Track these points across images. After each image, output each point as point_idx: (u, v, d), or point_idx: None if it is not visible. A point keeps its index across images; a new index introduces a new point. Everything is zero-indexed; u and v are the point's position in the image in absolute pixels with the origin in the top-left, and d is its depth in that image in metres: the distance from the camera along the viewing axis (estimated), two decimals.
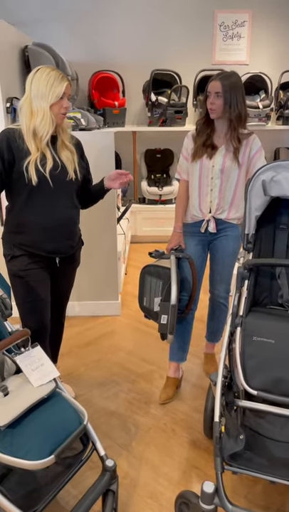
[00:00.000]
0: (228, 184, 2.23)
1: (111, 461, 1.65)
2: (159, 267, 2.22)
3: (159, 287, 2.18)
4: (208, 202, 2.28)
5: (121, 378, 2.63)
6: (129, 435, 2.18)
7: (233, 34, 5.25)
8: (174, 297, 2.07)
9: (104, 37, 5.09)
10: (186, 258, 2.28)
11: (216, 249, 2.39)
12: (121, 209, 4.34)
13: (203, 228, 2.33)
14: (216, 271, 2.43)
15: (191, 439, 2.16)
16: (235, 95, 2.12)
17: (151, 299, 2.22)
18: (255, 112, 4.89)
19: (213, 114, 2.16)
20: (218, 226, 2.32)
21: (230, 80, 2.12)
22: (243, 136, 2.21)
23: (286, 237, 1.91)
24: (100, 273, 3.33)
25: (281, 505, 1.80)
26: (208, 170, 2.23)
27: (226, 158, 2.20)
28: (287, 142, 5.44)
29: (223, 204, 2.27)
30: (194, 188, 2.30)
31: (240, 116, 2.15)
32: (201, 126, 2.25)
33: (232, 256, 2.35)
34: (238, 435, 1.71)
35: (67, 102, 1.89)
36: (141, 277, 2.29)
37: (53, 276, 2.12)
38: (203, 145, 2.23)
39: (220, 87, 2.11)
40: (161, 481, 1.92)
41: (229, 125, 2.17)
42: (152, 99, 4.96)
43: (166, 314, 2.09)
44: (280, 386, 1.66)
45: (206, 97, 2.17)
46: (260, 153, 2.24)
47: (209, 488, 1.52)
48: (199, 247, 2.38)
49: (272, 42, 5.23)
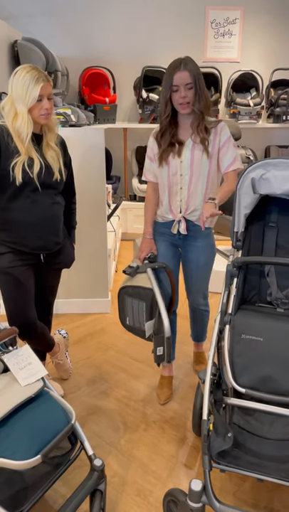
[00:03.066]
0: (199, 180, 2.08)
1: (99, 461, 1.64)
2: (138, 288, 2.12)
3: (143, 309, 2.11)
4: (179, 201, 2.13)
5: (110, 376, 2.62)
6: (118, 433, 2.17)
7: (224, 31, 5.23)
8: (168, 329, 2.03)
9: (95, 33, 5.05)
10: (162, 267, 2.20)
11: (189, 261, 2.27)
12: (111, 206, 4.32)
13: (174, 229, 2.19)
14: (191, 281, 2.33)
15: (180, 436, 2.16)
16: (201, 82, 1.97)
17: (135, 318, 2.16)
18: (246, 110, 4.90)
19: (187, 109, 1.98)
20: (189, 229, 2.18)
21: (193, 65, 1.95)
22: (210, 124, 2.05)
23: (275, 235, 1.91)
24: (89, 270, 3.32)
25: (269, 503, 1.80)
26: (177, 167, 2.08)
27: (194, 150, 2.05)
28: (277, 140, 5.45)
29: (195, 203, 2.11)
30: (163, 187, 2.15)
31: (206, 105, 2.01)
32: (166, 126, 2.06)
33: (206, 265, 2.27)
34: (226, 433, 1.70)
35: (48, 102, 1.86)
36: (120, 298, 2.20)
37: (39, 273, 2.12)
38: (169, 144, 2.07)
39: (189, 77, 1.92)
40: (149, 479, 1.92)
41: (195, 117, 2.02)
42: (143, 96, 4.94)
43: (161, 346, 2.06)
44: (267, 384, 1.66)
45: (171, 93, 1.96)
46: (229, 142, 2.07)
47: (197, 486, 1.52)
48: (171, 249, 2.27)
49: (263, 40, 5.23)
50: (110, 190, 4.60)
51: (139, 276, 2.18)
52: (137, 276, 2.19)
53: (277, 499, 1.82)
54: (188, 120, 2.06)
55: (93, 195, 3.16)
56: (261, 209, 1.90)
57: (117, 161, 5.39)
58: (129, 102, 5.29)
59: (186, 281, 2.36)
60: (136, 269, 2.20)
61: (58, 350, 2.48)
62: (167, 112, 2.01)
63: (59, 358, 2.50)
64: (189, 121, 2.06)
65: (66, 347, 2.62)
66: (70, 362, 2.63)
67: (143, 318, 2.12)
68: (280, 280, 1.92)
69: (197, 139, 2.04)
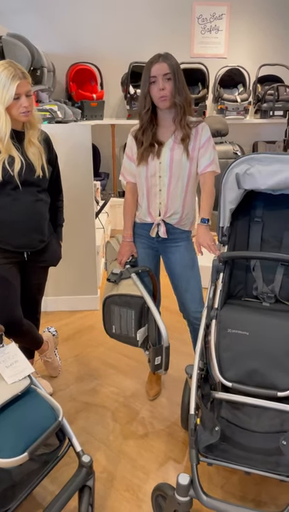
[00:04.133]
0: (178, 182, 2.02)
1: (87, 457, 1.65)
2: (126, 296, 2.07)
3: (132, 317, 2.06)
4: (158, 204, 2.06)
5: (100, 373, 2.63)
6: (107, 429, 2.18)
7: (211, 27, 5.23)
8: (166, 338, 2.01)
9: (81, 29, 5.02)
10: (146, 271, 2.16)
11: (173, 262, 2.16)
12: (100, 203, 4.32)
13: (153, 232, 2.12)
14: (182, 283, 2.16)
15: (169, 431, 2.17)
16: (181, 75, 1.93)
17: (122, 327, 2.11)
18: (233, 106, 4.92)
19: (166, 102, 1.91)
20: (168, 233, 2.11)
21: (172, 58, 1.92)
22: (192, 124, 2.00)
23: (260, 229, 1.92)
24: (78, 267, 3.31)
25: (257, 495, 1.82)
26: (155, 168, 2.01)
27: (173, 151, 1.99)
28: (265, 136, 5.47)
29: (174, 206, 2.05)
30: (142, 189, 2.09)
31: (187, 100, 1.95)
32: (147, 122, 1.99)
33: (192, 267, 2.14)
34: (213, 427, 1.72)
35: (26, 100, 1.84)
36: (106, 307, 2.13)
37: (24, 271, 2.11)
38: (149, 145, 2.00)
39: (167, 67, 1.87)
40: (138, 474, 1.93)
41: (177, 112, 1.95)
42: (131, 92, 4.92)
43: (159, 356, 2.05)
44: (254, 377, 1.68)
45: (149, 85, 1.91)
46: (209, 143, 2.01)
47: (184, 480, 1.53)
48: (150, 252, 2.21)
49: (250, 35, 5.24)
50: (99, 186, 4.59)
51: (123, 282, 2.13)
52: (122, 283, 2.13)
53: (264, 491, 1.84)
54: (170, 116, 2.00)
55: (81, 192, 3.15)
56: (246, 204, 1.91)
57: (106, 157, 5.37)
58: (116, 98, 5.27)
59: (176, 288, 2.20)
60: (120, 275, 2.14)
61: (46, 348, 2.47)
62: (147, 106, 1.95)
63: (48, 356, 2.50)
64: (171, 117, 1.99)
65: (55, 345, 2.61)
66: (59, 359, 2.63)
67: (132, 327, 2.07)
68: (265, 274, 1.94)
69: (179, 136, 1.98)
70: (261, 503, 1.78)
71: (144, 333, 2.12)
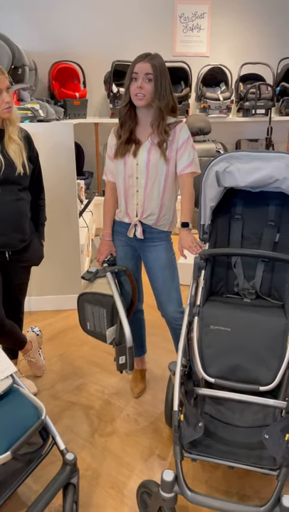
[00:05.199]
0: (155, 183, 2.00)
1: (71, 455, 1.65)
2: (98, 295, 2.08)
3: (104, 315, 2.07)
4: (135, 204, 2.05)
5: (84, 372, 2.63)
6: (92, 427, 2.18)
7: (193, 26, 5.26)
8: (129, 339, 2.01)
9: (63, 27, 5.00)
10: (122, 271, 2.16)
11: (150, 261, 2.15)
12: (84, 202, 4.30)
13: (130, 233, 2.12)
14: (158, 284, 2.15)
15: (154, 428, 2.18)
16: (164, 80, 1.90)
17: (96, 324, 2.12)
18: (216, 104, 4.95)
19: (142, 101, 1.89)
20: (145, 233, 2.09)
21: (158, 61, 1.89)
22: (170, 126, 1.97)
23: (241, 227, 1.94)
24: (62, 267, 3.30)
25: (240, 489, 1.84)
26: (133, 169, 2.00)
27: (150, 152, 1.97)
28: (247, 134, 5.52)
29: (151, 207, 2.04)
30: (120, 190, 2.09)
31: (167, 105, 1.93)
32: (125, 116, 1.98)
33: (169, 268, 2.13)
34: (196, 423, 1.73)
35: (7, 95, 1.83)
36: (80, 304, 2.15)
37: (6, 271, 2.09)
38: (126, 141, 1.99)
39: (150, 68, 1.86)
40: (123, 471, 1.94)
41: (156, 115, 1.93)
42: (114, 91, 4.92)
43: (124, 355, 2.05)
44: (236, 373, 1.70)
45: (130, 81, 1.89)
46: (188, 143, 1.98)
47: (169, 477, 1.54)
48: (129, 250, 2.20)
49: (231, 34, 5.28)
50: (83, 185, 4.57)
51: (98, 281, 2.13)
52: (97, 282, 2.13)
53: (248, 485, 1.86)
54: (148, 118, 1.98)
55: (64, 190, 3.14)
56: (227, 202, 1.92)
57: (90, 156, 5.36)
58: (99, 96, 5.26)
59: (154, 288, 2.20)
60: (95, 274, 2.14)
61: (30, 348, 2.46)
62: (126, 101, 1.93)
63: (31, 356, 2.49)
64: (149, 119, 1.98)
65: (39, 344, 2.60)
66: (43, 359, 2.62)
67: (104, 325, 2.08)
68: (246, 271, 1.96)
69: (155, 140, 1.96)
70: (245, 497, 1.81)
71: (114, 332, 2.12)
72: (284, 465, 1.52)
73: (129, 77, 1.92)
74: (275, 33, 5.30)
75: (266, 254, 1.76)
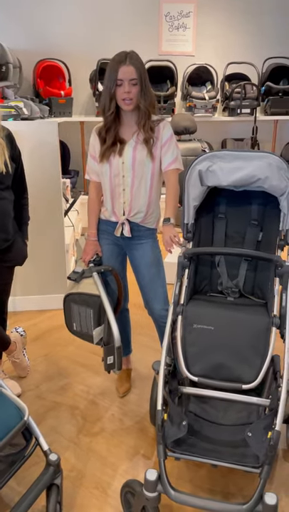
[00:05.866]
0: (142, 181, 2.01)
1: (54, 455, 1.64)
2: (85, 295, 2.07)
3: (90, 316, 2.06)
4: (122, 203, 2.05)
5: (69, 372, 2.61)
6: (77, 428, 2.17)
7: (178, 25, 5.26)
8: (118, 338, 2.01)
9: (48, 24, 4.96)
10: (108, 271, 2.15)
11: (136, 259, 2.16)
12: (70, 201, 4.28)
13: (118, 232, 2.11)
14: (145, 281, 2.16)
15: (139, 427, 2.18)
16: (146, 79, 1.92)
17: (82, 325, 2.11)
18: (201, 103, 4.96)
19: (130, 106, 1.91)
20: (133, 231, 2.10)
21: (138, 60, 1.90)
22: (154, 123, 1.99)
23: (224, 226, 1.95)
24: (47, 266, 3.28)
25: (224, 487, 1.85)
26: (118, 168, 2.00)
27: (136, 151, 1.98)
28: (233, 133, 5.54)
29: (138, 205, 2.04)
30: (106, 189, 2.08)
31: (151, 103, 1.94)
32: (111, 122, 1.98)
33: (155, 266, 2.13)
34: (180, 422, 1.74)
35: None
36: (66, 305, 2.14)
37: None
38: (111, 143, 1.99)
39: (134, 72, 1.86)
40: (108, 471, 1.93)
41: (141, 115, 1.94)
42: (100, 89, 4.90)
43: (112, 355, 2.05)
44: (220, 371, 1.71)
45: (115, 87, 1.89)
46: (171, 141, 2.00)
47: (152, 476, 1.54)
48: (115, 249, 2.19)
49: (217, 33, 5.29)
50: (68, 184, 4.55)
51: (84, 281, 2.12)
52: (83, 282, 2.12)
53: (232, 483, 1.87)
54: (132, 118, 1.99)
55: (48, 189, 3.12)
56: (210, 201, 1.93)
57: (75, 154, 5.33)
58: (85, 95, 5.24)
59: (140, 285, 2.20)
60: (81, 274, 2.13)
61: (14, 348, 2.44)
62: (112, 109, 1.93)
63: (16, 357, 2.47)
64: (133, 118, 1.99)
65: (24, 345, 2.58)
66: (27, 360, 2.60)
67: (91, 325, 2.07)
68: (229, 270, 1.97)
69: (140, 138, 1.97)
70: (229, 495, 1.81)
71: (101, 332, 2.11)
72: (266, 463, 1.53)
73: (113, 83, 1.90)
74: (259, 32, 5.33)
75: (248, 253, 1.77)
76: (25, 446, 1.63)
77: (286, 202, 1.71)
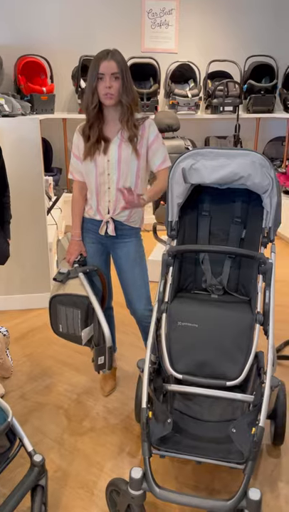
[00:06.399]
0: (127, 179, 2.00)
1: (39, 456, 1.63)
2: (72, 296, 2.05)
3: (78, 317, 2.04)
4: (107, 202, 2.05)
5: (53, 371, 2.59)
6: (61, 427, 2.16)
7: (161, 22, 5.25)
8: (109, 338, 2.01)
9: (29, 20, 4.89)
10: (94, 270, 2.13)
11: (120, 257, 2.15)
12: (53, 198, 4.24)
13: (102, 230, 2.10)
14: (128, 287, 2.15)
15: (124, 426, 2.18)
16: (129, 75, 1.93)
17: (69, 326, 2.09)
18: (184, 101, 4.96)
19: (111, 100, 1.90)
20: (117, 230, 2.09)
21: (120, 56, 1.91)
22: (138, 121, 1.99)
23: (208, 223, 1.95)
24: (30, 265, 3.24)
25: (210, 483, 1.86)
26: (104, 166, 1.99)
27: (121, 148, 1.98)
28: (216, 131, 5.56)
29: (123, 203, 1.99)
30: (91, 188, 2.06)
31: (134, 100, 1.95)
32: (94, 118, 1.97)
33: (139, 265, 2.13)
34: (165, 419, 1.74)
35: None
36: (52, 307, 2.11)
37: None
38: (95, 141, 1.98)
39: (116, 66, 1.87)
40: (93, 470, 1.92)
41: (124, 112, 1.95)
42: (82, 86, 4.86)
43: (103, 356, 2.04)
44: (204, 369, 1.71)
45: (97, 81, 1.88)
46: (158, 140, 2.02)
47: (137, 474, 1.54)
48: (99, 248, 2.18)
49: (199, 31, 5.29)
50: (51, 182, 4.51)
51: (71, 282, 2.10)
52: (69, 283, 2.10)
53: (217, 479, 1.88)
54: (116, 114, 1.99)
55: (31, 187, 3.08)
56: (194, 198, 1.93)
57: (58, 152, 5.28)
58: (67, 91, 5.19)
59: (123, 285, 2.19)
60: (67, 275, 2.11)
61: None
62: (94, 102, 1.93)
63: None
64: (117, 115, 1.98)
65: (6, 345, 2.55)
66: (11, 360, 2.57)
67: (78, 326, 2.06)
68: (213, 267, 1.98)
69: (125, 136, 1.97)
70: (214, 491, 1.83)
71: (90, 333, 2.10)
72: (250, 458, 1.54)
73: (95, 77, 1.90)
74: (242, 30, 5.35)
75: (232, 251, 1.78)
76: (9, 448, 1.61)
77: (269, 200, 1.72)
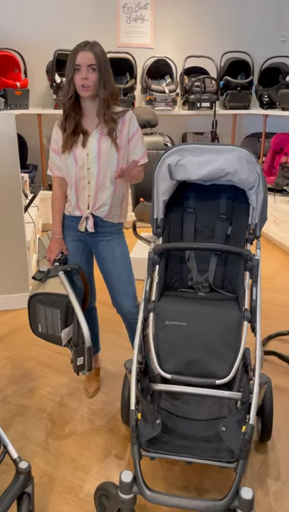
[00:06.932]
0: (107, 172, 1.96)
1: (25, 463, 1.57)
2: (51, 295, 1.99)
3: (58, 316, 1.98)
4: (87, 196, 2.00)
5: (35, 373, 2.53)
6: (46, 432, 2.10)
7: (136, 16, 5.20)
8: (88, 338, 1.95)
9: (1, 13, 4.76)
10: (75, 269, 2.08)
11: (103, 257, 2.10)
12: (29, 196, 4.15)
13: (82, 226, 2.05)
14: (113, 278, 2.11)
15: (110, 427, 2.14)
16: (107, 68, 1.89)
17: (48, 326, 2.02)
18: (161, 97, 4.93)
19: (87, 92, 1.86)
20: (97, 227, 2.04)
21: (99, 49, 1.88)
22: (117, 115, 1.95)
23: (193, 220, 1.93)
24: (7, 264, 3.16)
25: (199, 484, 1.84)
26: (83, 159, 1.95)
27: (100, 141, 1.93)
28: (193, 127, 5.55)
29: (103, 198, 1.99)
30: (70, 183, 2.02)
31: (112, 94, 1.92)
32: (69, 109, 1.93)
33: (122, 262, 2.09)
34: (154, 420, 1.71)
35: None
36: (31, 306, 2.04)
37: None
38: (73, 133, 1.94)
39: (93, 58, 1.83)
40: (79, 474, 1.88)
41: (102, 105, 1.90)
42: (57, 81, 4.78)
43: (82, 356, 1.98)
44: (192, 367, 1.69)
45: (73, 72, 1.85)
46: (138, 134, 1.98)
47: (127, 478, 1.50)
48: (80, 246, 2.13)
49: (175, 26, 5.27)
50: (27, 179, 4.41)
51: (50, 281, 2.04)
52: (49, 282, 2.04)
53: (206, 479, 1.86)
54: (93, 108, 1.95)
55: (7, 185, 3.00)
56: (179, 195, 1.90)
57: (33, 148, 5.17)
58: (42, 86, 5.08)
59: (108, 283, 2.15)
60: (47, 273, 2.05)
61: None
62: (70, 93, 1.89)
63: None
64: (94, 108, 1.95)
65: None
66: None
67: (58, 326, 2.00)
68: (200, 264, 1.96)
69: (104, 130, 1.93)
70: (204, 491, 1.81)
71: (69, 333, 2.05)
72: (241, 457, 1.52)
73: (72, 68, 1.88)
74: (217, 26, 5.34)
75: (219, 248, 1.76)
76: None
77: (255, 196, 1.71)
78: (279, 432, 2.08)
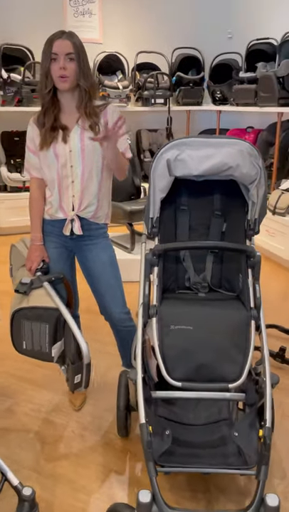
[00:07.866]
0: (93, 170, 1.85)
1: (28, 490, 1.44)
2: (38, 309, 1.83)
3: (46, 332, 1.82)
4: (71, 197, 1.87)
5: (13, 390, 2.34)
6: (35, 453, 1.94)
7: (84, 10, 5.06)
8: (87, 354, 1.80)
9: None
10: (59, 278, 1.94)
11: (90, 261, 1.97)
12: None
13: (66, 230, 1.91)
14: (101, 285, 1.98)
15: (104, 441, 2.01)
16: (86, 58, 1.78)
17: (35, 342, 1.85)
18: (115, 93, 4.83)
19: (65, 83, 1.74)
20: (84, 229, 1.91)
21: (77, 38, 1.77)
22: (99, 108, 1.85)
23: (187, 218, 1.85)
24: None
25: (206, 491, 1.76)
26: (66, 156, 1.82)
27: (83, 138, 1.81)
28: (148, 124, 5.48)
29: (89, 197, 1.87)
30: (52, 182, 1.87)
31: (93, 86, 1.82)
32: (48, 103, 1.81)
33: (111, 266, 1.97)
34: (163, 431, 1.62)
35: None
36: (15, 322, 1.87)
37: None
38: (52, 129, 1.81)
39: (71, 46, 1.71)
40: (80, 496, 1.74)
41: (81, 97, 1.79)
42: (4, 77, 4.55)
43: (79, 374, 1.84)
44: (202, 372, 1.61)
45: (50, 62, 1.73)
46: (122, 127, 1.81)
47: (146, 498, 1.40)
48: (63, 253, 2.00)
49: (125, 21, 5.17)
50: None
51: (34, 293, 1.87)
52: (33, 294, 1.87)
53: (212, 485, 1.79)
54: (73, 101, 1.83)
55: None
56: (171, 192, 1.81)
57: None
58: None
59: (95, 290, 2.01)
60: (30, 285, 1.87)
61: None
62: (49, 87, 1.76)
63: None
64: (74, 102, 1.83)
65: None
66: None
67: (45, 342, 1.84)
68: (195, 264, 1.88)
69: (86, 124, 1.81)
70: (212, 499, 1.73)
71: (60, 348, 1.90)
72: (263, 463, 1.47)
73: (48, 58, 1.74)
74: (167, 21, 5.30)
75: (223, 246, 1.69)
76: None
77: (256, 190, 1.65)
78: (278, 431, 2.05)
